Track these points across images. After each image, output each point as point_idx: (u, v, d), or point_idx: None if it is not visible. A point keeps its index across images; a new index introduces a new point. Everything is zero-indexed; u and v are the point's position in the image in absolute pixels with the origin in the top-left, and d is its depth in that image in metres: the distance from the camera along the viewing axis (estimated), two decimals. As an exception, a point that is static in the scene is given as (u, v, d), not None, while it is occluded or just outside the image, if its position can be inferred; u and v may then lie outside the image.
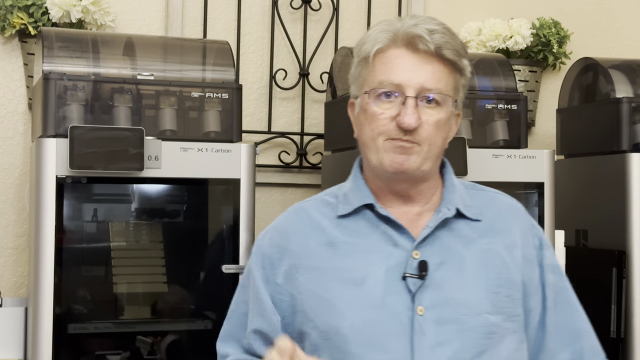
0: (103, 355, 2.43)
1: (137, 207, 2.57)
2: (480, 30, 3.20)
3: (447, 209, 1.56)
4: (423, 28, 1.51)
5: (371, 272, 1.51)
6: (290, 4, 3.11)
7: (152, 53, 2.64)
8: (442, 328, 1.48)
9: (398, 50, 1.52)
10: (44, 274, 2.28)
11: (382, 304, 1.49)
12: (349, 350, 1.48)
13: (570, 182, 2.98)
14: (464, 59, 1.56)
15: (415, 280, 1.50)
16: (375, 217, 1.57)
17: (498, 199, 1.65)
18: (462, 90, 1.59)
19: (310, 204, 1.65)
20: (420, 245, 1.53)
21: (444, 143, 1.57)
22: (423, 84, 1.51)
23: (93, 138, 2.28)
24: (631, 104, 2.78)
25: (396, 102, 1.51)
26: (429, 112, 1.52)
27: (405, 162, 1.51)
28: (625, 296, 2.69)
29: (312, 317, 1.52)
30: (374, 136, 1.53)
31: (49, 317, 2.27)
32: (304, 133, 3.14)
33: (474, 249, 1.54)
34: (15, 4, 2.73)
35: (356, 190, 1.60)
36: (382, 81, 1.52)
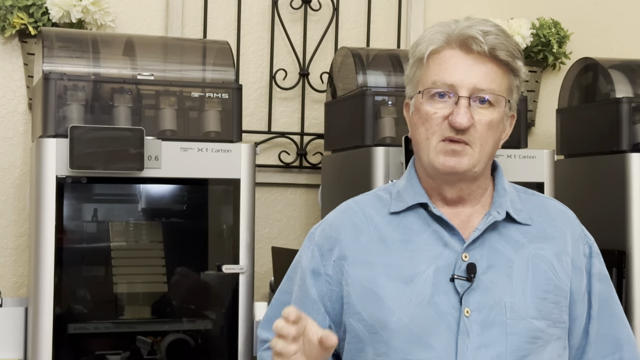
0: (103, 355, 2.43)
1: (137, 207, 2.57)
2: (480, 30, 3.20)
3: (497, 213, 1.56)
4: (477, 29, 1.54)
5: (420, 271, 1.53)
6: (290, 4, 3.11)
7: (152, 53, 2.64)
8: (487, 330, 1.49)
9: (452, 51, 1.54)
10: (44, 274, 2.28)
11: (429, 303, 1.51)
12: (394, 345, 1.50)
13: (570, 182, 2.98)
14: (518, 60, 1.56)
15: (463, 282, 1.51)
16: (428, 216, 1.58)
17: (549, 204, 1.65)
18: (516, 91, 1.59)
19: (364, 198, 1.66)
20: (469, 248, 1.54)
21: (496, 144, 1.58)
22: (476, 85, 1.52)
23: (93, 138, 2.28)
24: (631, 104, 2.78)
25: (449, 102, 1.52)
26: (482, 113, 1.52)
27: (457, 165, 1.52)
28: (625, 296, 2.69)
29: (359, 309, 1.54)
30: (428, 136, 1.54)
31: (49, 317, 2.28)
32: (304, 133, 3.14)
33: (523, 254, 1.55)
34: (15, 4, 2.73)
35: (410, 188, 1.61)
36: (436, 81, 1.53)
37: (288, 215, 3.13)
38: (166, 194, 2.58)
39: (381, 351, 1.51)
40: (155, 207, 2.60)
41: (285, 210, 3.13)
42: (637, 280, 2.68)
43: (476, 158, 1.53)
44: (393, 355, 1.50)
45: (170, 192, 2.58)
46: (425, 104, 1.55)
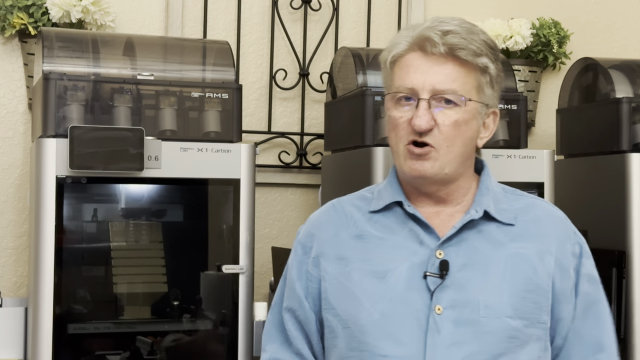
0: (103, 355, 2.43)
1: (137, 207, 2.57)
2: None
3: (475, 211, 1.56)
4: (436, 30, 1.54)
5: (394, 268, 1.54)
6: (290, 4, 3.11)
7: (152, 53, 2.64)
8: (459, 329, 1.49)
9: (414, 54, 1.55)
10: (44, 274, 2.28)
11: (401, 299, 1.51)
12: (366, 340, 1.51)
13: (570, 182, 2.98)
14: (483, 57, 1.55)
15: (435, 279, 1.51)
16: (404, 215, 1.59)
17: (538, 205, 1.64)
18: (488, 88, 1.58)
19: (348, 198, 1.68)
20: (445, 245, 1.54)
21: (468, 144, 1.57)
22: (435, 86, 1.52)
23: (93, 138, 2.28)
24: (631, 104, 2.78)
25: (413, 106, 1.53)
26: (447, 113, 1.52)
27: (422, 169, 1.53)
28: (625, 296, 2.69)
29: (334, 304, 1.56)
30: (397, 141, 1.56)
31: (49, 317, 2.28)
32: (304, 133, 3.14)
33: (502, 253, 1.54)
34: (15, 4, 2.73)
35: (389, 187, 1.62)
36: (399, 86, 1.55)
37: (288, 215, 3.14)
38: (166, 194, 2.58)
39: (353, 346, 1.52)
40: (155, 207, 2.59)
41: (285, 210, 3.13)
42: (637, 280, 2.68)
43: (442, 161, 1.53)
44: (365, 350, 1.51)
45: (170, 192, 2.58)
46: (392, 109, 1.56)
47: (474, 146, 1.59)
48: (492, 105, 1.60)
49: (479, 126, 1.58)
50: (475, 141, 1.59)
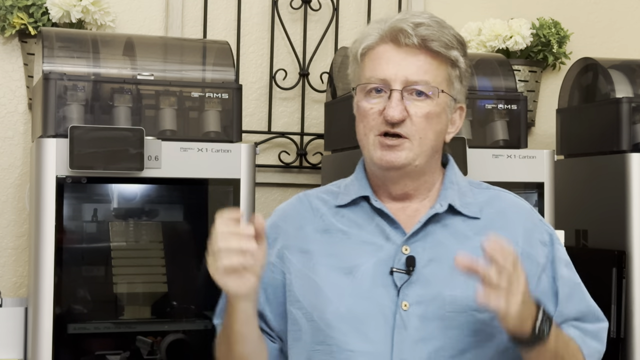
0: (103, 355, 2.43)
1: (137, 207, 2.57)
2: (480, 30, 3.20)
3: (440, 205, 1.57)
4: (408, 22, 1.54)
5: (361, 263, 1.54)
6: (290, 4, 3.11)
7: (152, 53, 2.64)
8: (426, 324, 1.49)
9: (385, 46, 1.56)
10: (44, 274, 2.28)
11: (367, 295, 1.52)
12: (332, 335, 1.51)
13: (570, 182, 2.98)
14: (454, 50, 1.56)
15: (402, 275, 1.51)
16: (371, 210, 1.59)
17: (502, 197, 1.64)
18: (457, 82, 1.59)
19: (315, 192, 1.68)
20: (411, 241, 1.54)
21: (438, 137, 1.57)
22: (408, 77, 1.53)
23: (93, 138, 2.28)
24: (631, 104, 2.78)
25: (384, 97, 1.54)
26: (418, 105, 1.53)
27: (395, 160, 1.53)
28: (625, 296, 2.69)
29: (299, 297, 1.56)
30: (366, 132, 1.56)
31: (49, 317, 2.27)
32: (304, 133, 3.14)
33: (468, 246, 1.54)
34: (15, 4, 2.73)
35: (356, 182, 1.63)
36: (370, 77, 1.55)
37: (288, 215, 3.13)
38: (166, 194, 2.58)
39: (319, 340, 1.53)
40: (155, 207, 2.60)
41: (285, 210, 3.13)
42: (637, 280, 2.68)
43: (415, 152, 1.53)
44: (331, 344, 1.51)
45: (170, 192, 2.58)
46: (362, 100, 1.57)
47: (443, 140, 1.60)
48: (459, 100, 1.61)
49: (447, 120, 1.59)
50: (444, 135, 1.59)
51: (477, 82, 2.81)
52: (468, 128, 2.70)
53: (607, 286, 2.74)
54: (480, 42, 3.18)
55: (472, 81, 2.81)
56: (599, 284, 2.78)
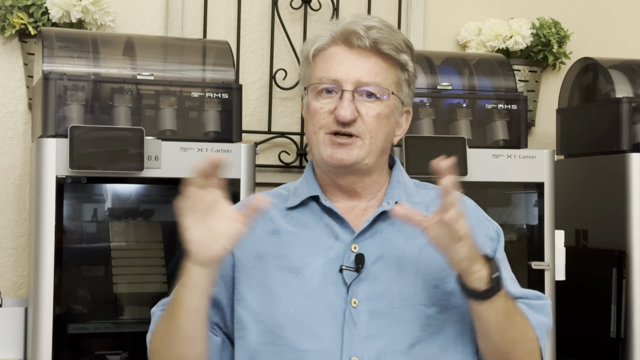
0: (103, 355, 2.43)
1: (137, 207, 2.57)
2: (480, 30, 3.20)
3: (387, 203, 1.59)
4: (360, 25, 1.58)
5: (310, 262, 1.56)
6: (290, 4, 3.11)
7: (152, 53, 2.64)
8: (375, 320, 1.52)
9: (337, 48, 1.59)
10: (44, 274, 2.28)
11: (317, 294, 1.53)
12: (282, 335, 1.52)
13: (570, 182, 2.98)
14: (403, 54, 1.60)
15: (351, 272, 1.54)
16: (320, 210, 1.61)
17: None
18: (406, 85, 1.62)
19: (265, 194, 1.68)
20: (360, 239, 1.57)
21: (387, 138, 1.60)
22: (359, 78, 1.56)
23: (93, 138, 2.28)
24: (631, 104, 2.78)
25: (335, 97, 1.56)
26: (369, 106, 1.56)
27: (346, 157, 1.55)
28: (625, 296, 2.69)
29: (246, 296, 1.57)
30: (315, 130, 1.58)
31: (49, 317, 2.27)
32: (304, 133, 3.14)
33: (415, 243, 1.57)
34: (15, 4, 2.73)
35: (305, 183, 1.65)
36: (322, 77, 1.58)
37: (288, 215, 3.13)
38: (166, 194, 2.58)
39: (268, 340, 1.53)
40: (155, 207, 2.59)
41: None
42: (637, 280, 2.68)
43: (366, 150, 1.56)
44: (281, 344, 1.52)
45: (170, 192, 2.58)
46: (312, 100, 1.59)
47: (391, 142, 1.63)
48: (406, 103, 1.64)
49: (395, 122, 1.62)
50: (392, 137, 1.63)
51: (477, 82, 2.81)
52: (468, 128, 2.70)
53: (607, 286, 2.74)
54: (480, 42, 3.18)
55: (472, 81, 2.81)
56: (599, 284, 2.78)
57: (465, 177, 2.54)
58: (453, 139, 2.61)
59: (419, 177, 2.47)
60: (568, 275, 2.69)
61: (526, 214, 2.74)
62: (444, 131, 2.70)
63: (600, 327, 2.75)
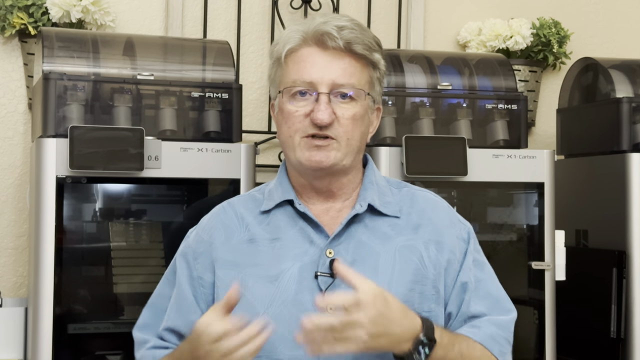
0: (103, 355, 2.43)
1: (137, 207, 2.57)
2: (480, 30, 3.20)
3: (360, 205, 1.59)
4: (332, 25, 1.57)
5: (285, 269, 1.55)
6: (290, 4, 3.11)
7: (152, 53, 2.64)
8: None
9: (309, 49, 1.57)
10: (44, 274, 2.28)
11: (293, 301, 1.53)
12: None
13: (570, 182, 2.98)
14: (375, 52, 1.59)
15: (326, 278, 1.53)
16: (295, 214, 1.60)
17: (419, 195, 1.67)
18: (377, 84, 1.62)
19: (239, 199, 1.69)
20: (334, 243, 1.56)
21: (363, 137, 1.60)
22: (335, 80, 1.54)
23: (93, 138, 2.28)
24: (631, 104, 2.78)
25: (310, 100, 1.55)
26: (344, 107, 1.55)
27: (325, 160, 1.54)
28: (625, 296, 2.69)
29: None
30: (291, 134, 1.57)
31: (49, 317, 2.27)
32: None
33: (390, 246, 1.57)
34: (15, 4, 2.73)
35: (279, 186, 1.64)
36: (296, 80, 1.56)
37: (288, 215, 3.13)
38: (166, 194, 2.58)
39: None
40: (155, 207, 2.59)
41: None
42: (637, 280, 2.68)
43: (343, 152, 1.55)
44: (260, 355, 1.49)
45: (170, 192, 2.58)
46: (286, 103, 1.57)
47: (366, 140, 1.62)
48: (377, 101, 1.64)
49: (372, 121, 1.62)
50: (367, 136, 1.62)
51: (477, 82, 2.81)
52: (468, 128, 2.70)
53: (607, 286, 2.74)
54: (480, 42, 3.18)
55: (472, 81, 2.81)
56: (599, 284, 2.78)
57: (465, 177, 2.54)
58: (453, 139, 2.61)
59: (418, 177, 2.49)
60: (568, 275, 2.69)
61: (526, 214, 2.74)
62: (444, 131, 2.70)
63: (600, 327, 2.75)
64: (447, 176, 2.54)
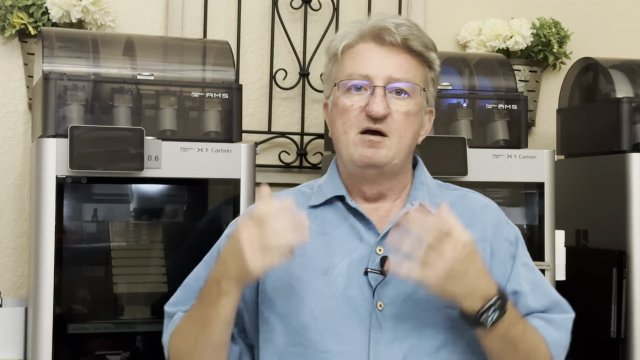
0: (103, 355, 2.43)
1: (137, 207, 2.57)
2: (480, 30, 3.20)
3: (411, 205, 1.58)
4: (390, 21, 1.56)
5: (334, 264, 1.55)
6: (290, 4, 3.11)
7: (152, 53, 2.64)
8: (400, 324, 1.51)
9: (366, 45, 1.57)
10: (44, 274, 2.28)
11: (342, 296, 1.52)
12: (308, 336, 1.52)
13: (570, 182, 2.98)
14: (432, 52, 1.59)
15: (376, 275, 1.53)
16: (345, 210, 1.60)
17: (470, 197, 1.67)
18: (432, 84, 1.61)
19: (286, 193, 1.68)
20: (383, 241, 1.55)
21: (414, 137, 1.59)
22: (391, 75, 1.54)
23: (93, 138, 2.28)
24: (631, 104, 2.78)
25: (365, 95, 1.55)
26: (398, 103, 1.55)
27: (375, 156, 1.54)
28: (625, 296, 2.69)
29: (273, 298, 1.56)
30: (346, 129, 1.56)
31: (49, 317, 2.27)
32: (304, 133, 3.14)
33: None
34: (15, 4, 2.73)
35: (330, 182, 1.63)
36: (351, 74, 1.56)
37: (288, 215, 3.13)
38: (166, 194, 2.58)
39: (295, 341, 1.53)
40: (155, 207, 2.59)
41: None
42: (637, 280, 2.68)
43: (394, 150, 1.55)
44: (307, 346, 1.51)
45: (170, 192, 2.58)
46: (342, 97, 1.56)
47: (416, 141, 1.62)
48: (430, 103, 1.63)
49: (421, 121, 1.61)
50: (418, 136, 1.61)
51: (477, 82, 2.81)
52: (468, 128, 2.70)
53: (607, 286, 2.74)
54: (480, 42, 3.18)
55: (472, 81, 2.81)
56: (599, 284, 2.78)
57: (465, 177, 2.54)
58: (453, 139, 2.61)
59: (419, 177, 2.48)
60: (568, 275, 2.69)
61: (526, 214, 2.74)
62: (444, 131, 2.70)
63: (600, 327, 2.75)
64: (447, 176, 2.54)
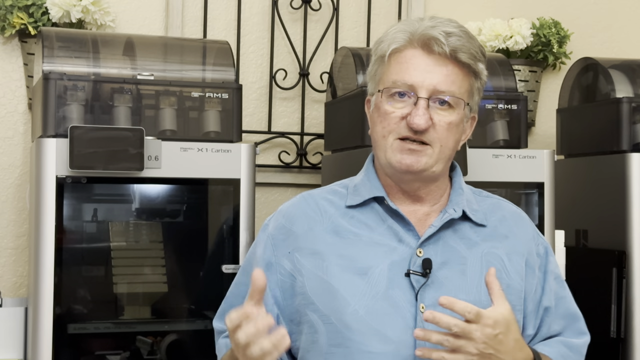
0: (103, 355, 2.43)
1: (137, 207, 2.57)
2: (480, 30, 3.20)
3: (454, 210, 1.58)
4: (440, 30, 1.54)
5: (375, 265, 1.53)
6: (290, 4, 3.11)
7: (152, 53, 2.64)
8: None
9: (414, 51, 1.55)
10: (44, 274, 2.28)
11: (385, 296, 1.51)
12: (350, 337, 1.51)
13: (570, 182, 2.98)
14: (479, 62, 1.57)
15: (418, 277, 1.52)
16: (384, 211, 1.59)
17: (503, 206, 1.67)
18: (477, 93, 1.60)
19: (319, 192, 1.67)
20: (424, 244, 1.55)
21: (455, 145, 1.59)
22: (436, 86, 1.53)
23: (93, 138, 2.28)
24: (631, 104, 2.78)
25: (409, 102, 1.53)
26: (442, 114, 1.53)
27: (415, 164, 1.53)
28: (625, 296, 2.69)
29: (314, 299, 1.54)
30: (385, 134, 1.55)
31: (49, 317, 2.27)
32: (304, 133, 3.14)
33: (476, 252, 1.56)
34: (15, 4, 2.73)
35: (367, 182, 1.62)
36: (396, 81, 1.54)
37: (288, 215, 3.13)
38: (166, 194, 2.58)
39: (337, 342, 1.52)
40: (155, 207, 2.60)
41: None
42: (637, 280, 2.68)
43: (435, 158, 1.54)
44: (350, 346, 1.50)
45: (170, 192, 2.58)
46: (384, 102, 1.55)
47: (457, 148, 1.61)
48: (474, 110, 1.63)
49: (465, 129, 1.61)
50: (459, 144, 1.61)
51: (477, 82, 2.80)
52: (468, 128, 2.70)
53: (607, 286, 2.74)
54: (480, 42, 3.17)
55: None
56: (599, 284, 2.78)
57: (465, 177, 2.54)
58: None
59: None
60: (568, 275, 2.69)
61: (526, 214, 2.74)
62: (444, 131, 2.70)
63: (600, 327, 2.75)
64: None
